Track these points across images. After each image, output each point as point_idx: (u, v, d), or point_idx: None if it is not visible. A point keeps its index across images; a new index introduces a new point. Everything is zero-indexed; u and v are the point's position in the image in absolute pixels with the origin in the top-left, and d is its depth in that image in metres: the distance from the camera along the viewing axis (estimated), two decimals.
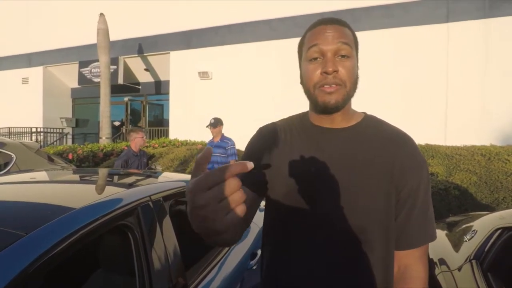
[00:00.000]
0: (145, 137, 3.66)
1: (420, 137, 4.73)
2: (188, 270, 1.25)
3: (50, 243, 0.78)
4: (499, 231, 1.59)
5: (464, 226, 2.00)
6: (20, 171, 2.54)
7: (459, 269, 1.56)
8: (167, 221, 1.23)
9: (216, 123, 3.87)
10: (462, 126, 6.10)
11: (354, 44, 0.71)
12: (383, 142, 0.72)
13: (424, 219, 0.71)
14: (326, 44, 0.68)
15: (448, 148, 4.96)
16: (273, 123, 0.85)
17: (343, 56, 0.68)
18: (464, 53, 6.23)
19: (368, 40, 6.62)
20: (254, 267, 1.69)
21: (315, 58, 0.69)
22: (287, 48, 7.33)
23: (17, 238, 0.76)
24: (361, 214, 0.68)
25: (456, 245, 1.77)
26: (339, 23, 0.71)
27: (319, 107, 0.71)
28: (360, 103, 1.00)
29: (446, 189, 3.95)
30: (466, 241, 1.74)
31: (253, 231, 1.95)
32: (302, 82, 0.74)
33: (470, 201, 3.86)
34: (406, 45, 6.51)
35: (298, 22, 7.27)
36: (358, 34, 0.76)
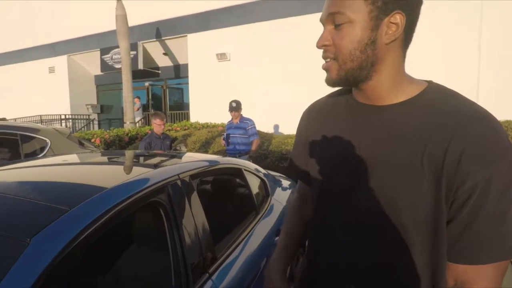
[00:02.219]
0: (163, 123, 3.70)
1: None
2: (216, 245, 1.31)
3: (91, 217, 0.84)
4: None
5: None
6: (55, 155, 2.69)
7: None
8: (195, 198, 1.28)
9: (238, 107, 3.89)
10: (494, 100, 5.76)
11: (366, 0, 0.56)
12: (439, 122, 0.56)
13: (497, 229, 0.53)
14: (321, 16, 0.62)
15: None
16: (320, 100, 0.79)
17: (338, 25, 0.59)
18: (497, 27, 5.79)
19: None
20: None
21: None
22: (308, 24, 7.13)
23: (62, 212, 0.82)
24: (399, 211, 0.58)
25: None
26: None
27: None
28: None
29: None
30: None
31: (277, 209, 2.00)
32: None
33: None
34: (440, 17, 6.13)
35: None
36: None
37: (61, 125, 11.02)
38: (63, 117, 11.26)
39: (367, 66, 0.59)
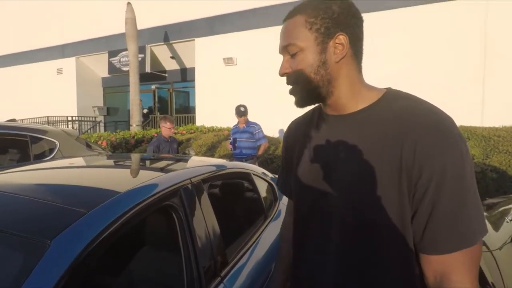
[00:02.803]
0: (173, 127, 3.74)
1: (454, 118, 4.51)
2: (227, 248, 1.31)
3: (109, 219, 0.85)
4: None
5: (504, 207, 1.94)
6: (65, 157, 2.72)
7: (500, 248, 1.54)
8: (207, 202, 1.29)
9: (245, 112, 3.92)
10: (501, 106, 5.72)
11: (310, 29, 0.63)
12: (394, 122, 0.60)
13: (458, 215, 0.54)
14: (279, 49, 0.69)
15: (485, 130, 4.70)
16: (298, 117, 0.85)
17: (292, 55, 0.67)
18: (503, 29, 5.77)
19: (402, 17, 6.29)
20: None
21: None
22: None
23: (81, 215, 0.84)
24: (366, 210, 0.61)
25: (497, 226, 1.73)
26: (289, 16, 0.68)
27: None
28: (398, 79, 0.97)
29: (483, 171, 3.78)
30: (507, 221, 1.70)
31: (284, 211, 2.00)
32: None
33: (509, 184, 3.68)
34: (444, 21, 6.13)
35: None
36: (396, 11, 0.72)
37: (67, 127, 11.14)
38: (69, 118, 11.37)
39: (324, 84, 0.66)
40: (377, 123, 0.63)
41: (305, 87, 0.67)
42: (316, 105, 0.77)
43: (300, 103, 0.71)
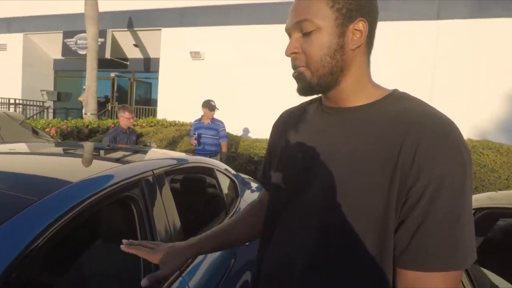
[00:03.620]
0: (132, 118, 3.58)
1: None
2: None
3: (63, 208, 0.80)
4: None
5: None
6: (6, 142, 2.47)
7: None
8: (168, 195, 1.26)
9: (215, 107, 3.88)
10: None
11: (331, 7, 0.58)
12: (395, 121, 0.56)
13: (448, 234, 0.49)
14: (287, 25, 0.62)
15: None
16: (292, 107, 0.79)
17: (306, 33, 0.59)
18: (452, 50, 6.39)
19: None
20: (247, 244, 1.76)
21: (289, 35, 0.64)
22: (282, 33, 7.27)
23: (30, 203, 0.77)
24: (348, 209, 0.56)
25: None
26: None
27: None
28: None
29: None
30: None
31: None
32: None
33: None
34: (397, 39, 6.60)
35: None
36: None
37: (9, 110, 10.10)
38: (12, 101, 10.30)
39: (337, 71, 0.60)
40: (376, 121, 0.58)
41: (317, 72, 0.60)
42: (313, 98, 0.72)
43: (305, 90, 0.63)
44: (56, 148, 1.64)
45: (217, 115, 4.02)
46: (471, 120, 6.16)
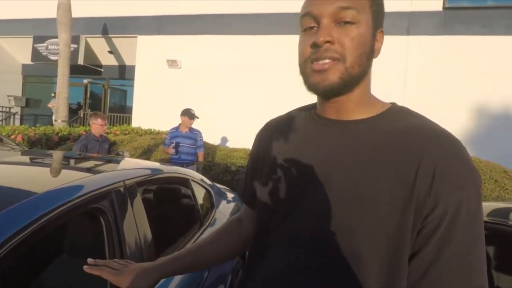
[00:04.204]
0: (105, 125, 3.47)
1: None
2: (159, 255, 1.26)
3: (22, 223, 0.75)
4: None
5: None
6: None
7: None
8: (140, 207, 1.22)
9: (194, 115, 3.84)
10: None
11: (370, 7, 0.53)
12: (406, 140, 0.51)
13: (464, 263, 0.46)
14: (320, 8, 0.52)
15: None
16: (279, 116, 0.72)
17: (346, 22, 0.52)
18: (422, 64, 6.75)
19: None
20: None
21: (310, 28, 0.55)
22: (259, 44, 7.43)
23: None
24: (353, 238, 0.50)
25: None
26: None
27: (310, 90, 0.56)
28: None
29: None
30: None
31: (221, 221, 2.00)
32: (298, 61, 0.58)
33: None
34: None
35: (273, 20, 7.35)
36: None
37: None
38: None
39: (362, 75, 0.55)
40: (382, 139, 0.53)
41: (352, 69, 0.52)
42: (303, 106, 0.67)
43: (331, 86, 0.53)
44: (20, 156, 1.55)
45: (193, 124, 3.99)
46: None
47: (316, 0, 0.53)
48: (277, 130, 0.68)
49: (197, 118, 3.92)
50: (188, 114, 3.82)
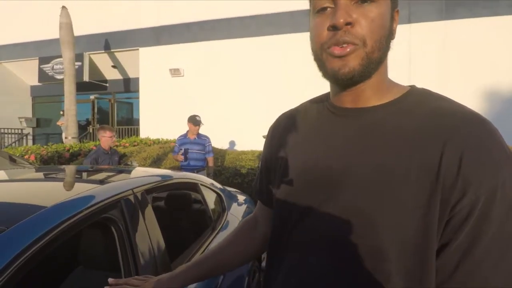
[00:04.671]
0: (114, 137, 3.52)
1: None
2: (172, 262, 1.25)
3: (33, 236, 0.75)
4: None
5: None
6: None
7: None
8: (151, 214, 1.22)
9: (199, 121, 3.86)
10: None
11: None
12: (429, 125, 0.46)
13: (504, 255, 0.41)
14: None
15: None
16: (293, 109, 0.68)
17: (364, 1, 0.47)
18: (425, 52, 6.64)
19: None
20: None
21: (324, 8, 0.49)
22: (262, 46, 7.43)
23: None
24: (376, 232, 0.46)
25: None
26: None
27: (328, 78, 0.52)
28: None
29: None
30: None
31: (233, 224, 1.98)
32: (311, 46, 0.53)
33: None
34: None
35: (270, 20, 7.35)
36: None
37: None
38: None
39: (382, 59, 0.50)
40: (404, 124, 0.48)
41: (372, 54, 0.48)
42: (316, 97, 0.63)
43: (352, 73, 0.48)
44: (31, 173, 1.57)
45: (201, 129, 4.01)
46: None
47: None
48: (290, 126, 0.64)
49: (202, 124, 3.93)
50: (192, 120, 3.85)
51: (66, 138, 7.65)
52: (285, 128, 0.65)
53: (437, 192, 0.43)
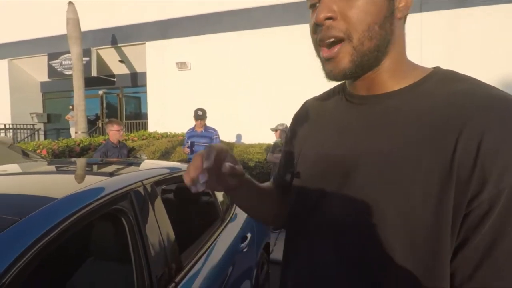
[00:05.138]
0: (122, 130, 3.55)
1: None
2: (182, 253, 1.26)
3: (47, 226, 0.77)
4: None
5: None
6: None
7: None
8: (160, 206, 1.23)
9: (203, 116, 3.88)
10: None
11: None
12: (446, 112, 0.42)
13: None
14: None
15: None
16: (318, 96, 0.66)
17: None
18: (436, 41, 6.49)
19: None
20: (245, 250, 1.73)
21: (313, 5, 0.49)
22: (270, 37, 7.35)
23: (12, 222, 0.75)
24: (385, 224, 0.44)
25: None
26: None
27: (326, 78, 0.52)
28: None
29: None
30: None
31: (241, 216, 1.99)
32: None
33: None
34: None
35: (277, 11, 7.26)
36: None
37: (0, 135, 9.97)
38: (2, 126, 10.18)
39: (383, 45, 0.47)
40: (419, 110, 0.45)
41: (361, 46, 0.46)
42: (336, 86, 0.61)
43: (344, 72, 0.48)
44: (43, 166, 1.60)
45: (209, 123, 4.02)
46: None
47: None
48: (312, 113, 0.64)
49: (200, 116, 3.86)
50: (194, 114, 3.89)
51: (76, 132, 7.78)
52: (308, 116, 0.64)
53: (450, 183, 0.39)
